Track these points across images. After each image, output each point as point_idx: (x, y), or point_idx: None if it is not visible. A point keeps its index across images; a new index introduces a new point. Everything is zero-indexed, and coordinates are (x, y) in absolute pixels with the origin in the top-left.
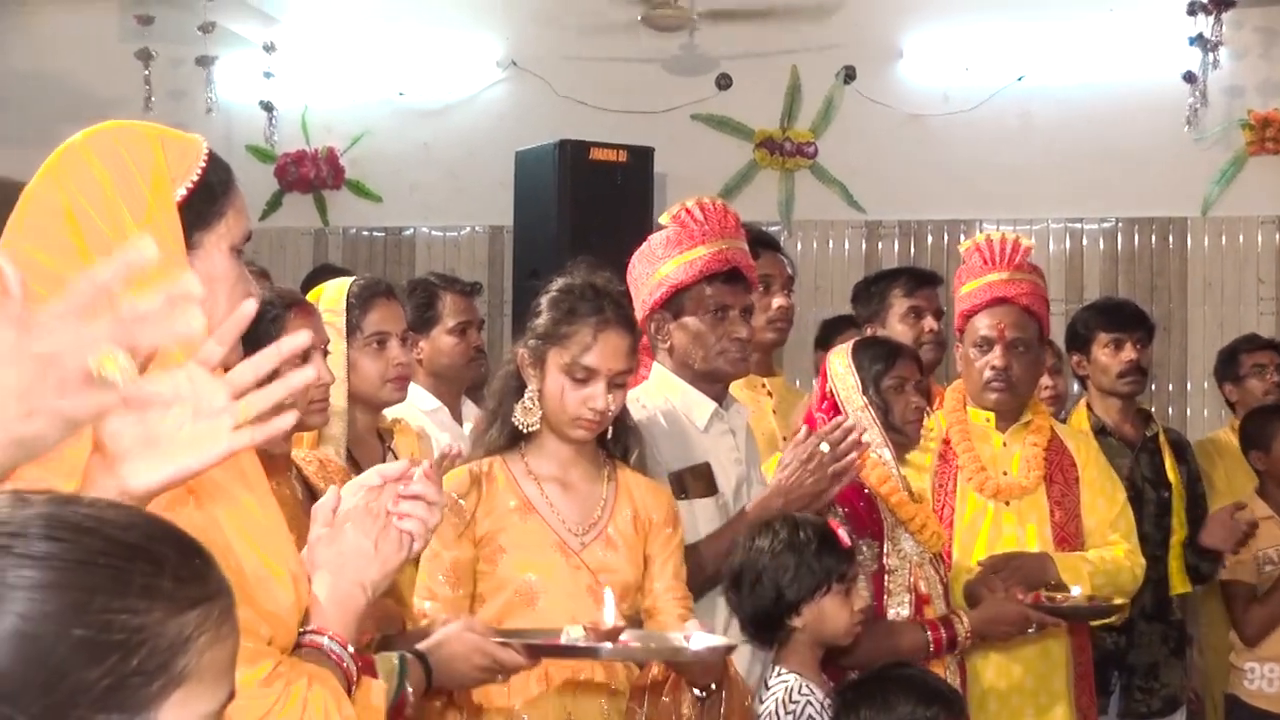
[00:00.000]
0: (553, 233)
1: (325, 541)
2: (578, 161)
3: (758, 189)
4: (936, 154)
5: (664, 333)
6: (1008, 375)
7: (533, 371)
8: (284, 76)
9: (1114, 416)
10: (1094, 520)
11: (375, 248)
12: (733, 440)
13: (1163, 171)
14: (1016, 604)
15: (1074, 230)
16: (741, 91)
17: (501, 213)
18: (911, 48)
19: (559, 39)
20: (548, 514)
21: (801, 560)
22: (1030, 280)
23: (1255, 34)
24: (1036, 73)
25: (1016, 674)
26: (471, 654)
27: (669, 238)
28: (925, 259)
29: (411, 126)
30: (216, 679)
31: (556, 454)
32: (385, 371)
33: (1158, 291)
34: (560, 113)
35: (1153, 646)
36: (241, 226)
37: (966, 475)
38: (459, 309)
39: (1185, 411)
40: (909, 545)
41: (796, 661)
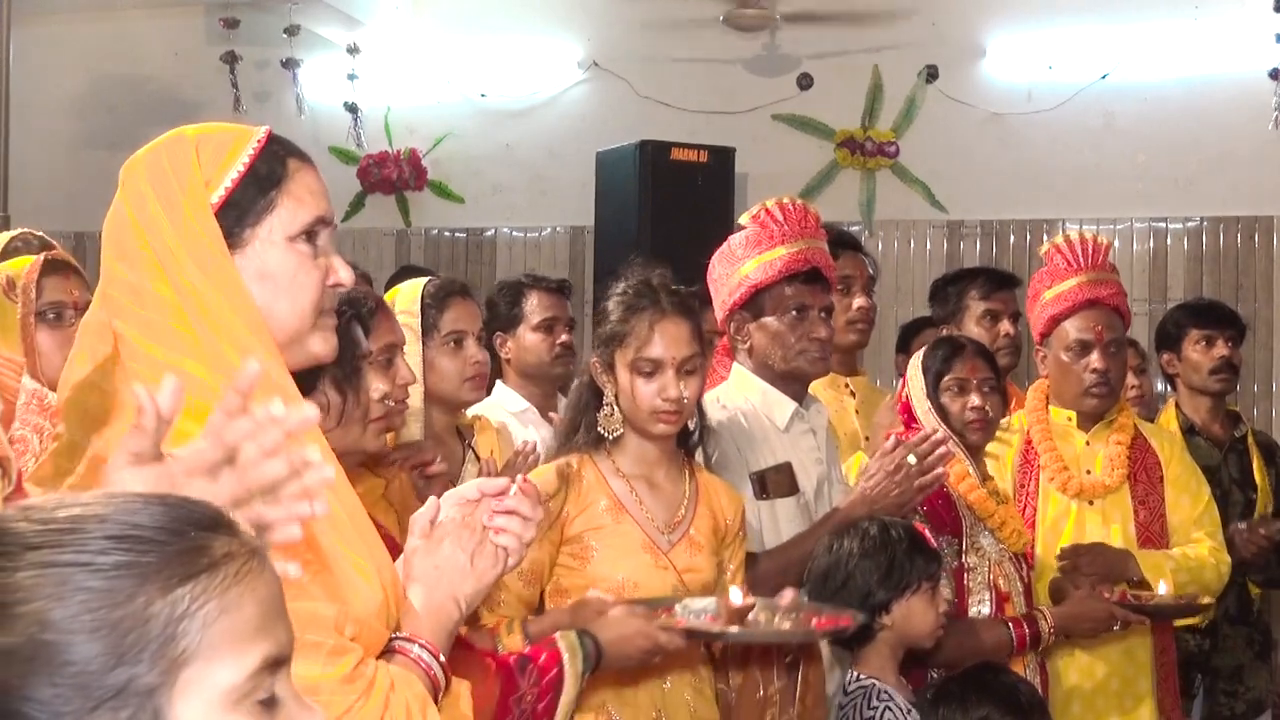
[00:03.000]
0: (633, 233)
1: (422, 553)
2: (658, 162)
3: (839, 189)
4: (1019, 153)
5: (744, 333)
6: (1109, 378)
7: (607, 378)
8: (367, 78)
9: (1203, 416)
10: (1178, 518)
11: (457, 248)
12: (813, 440)
13: (1248, 170)
14: (1102, 601)
15: (1157, 230)
16: (822, 91)
17: (582, 213)
18: (994, 46)
19: (640, 39)
20: (638, 514)
21: (893, 559)
22: (1114, 279)
23: None
24: (1120, 71)
25: (1100, 674)
26: (636, 636)
27: (749, 238)
28: (1007, 259)
29: (493, 128)
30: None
31: (642, 454)
32: (463, 370)
33: (1243, 291)
34: (641, 113)
35: (1237, 649)
36: (301, 215)
37: (1049, 475)
38: (545, 305)
39: (1271, 413)
40: (987, 543)
41: (877, 664)
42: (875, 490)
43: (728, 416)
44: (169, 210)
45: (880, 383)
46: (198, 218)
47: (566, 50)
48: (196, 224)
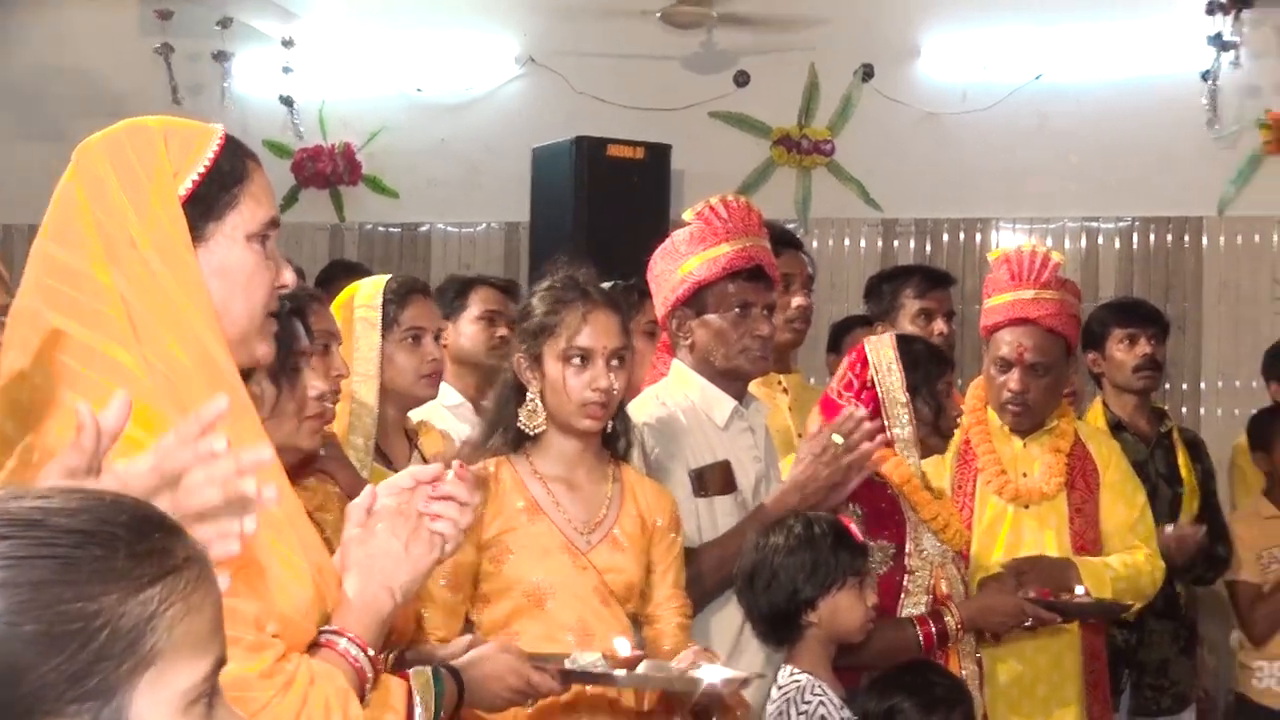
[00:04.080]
0: (569, 230)
1: (357, 542)
2: (595, 158)
3: (775, 187)
4: (953, 152)
5: (686, 329)
6: (1024, 399)
7: (531, 374)
8: (302, 72)
9: (1129, 413)
10: (1113, 524)
11: (391, 244)
12: (752, 438)
13: (1179, 171)
14: (1011, 596)
15: (1090, 229)
16: (759, 89)
17: (518, 209)
18: (929, 46)
19: (577, 35)
20: (555, 515)
21: (818, 556)
22: (1057, 299)
23: (1274, 33)
24: (1054, 72)
25: (1028, 679)
26: (506, 675)
27: (692, 235)
28: (941, 257)
29: (429, 122)
30: (194, 650)
31: (562, 454)
32: (420, 367)
33: (1173, 291)
34: (577, 109)
35: (1163, 644)
36: (260, 214)
37: (986, 478)
38: (489, 299)
39: (1199, 410)
40: (930, 545)
41: (809, 660)
42: (805, 475)
43: (667, 413)
44: (134, 197)
45: (815, 381)
46: (164, 207)
47: (503, 45)
48: (163, 213)
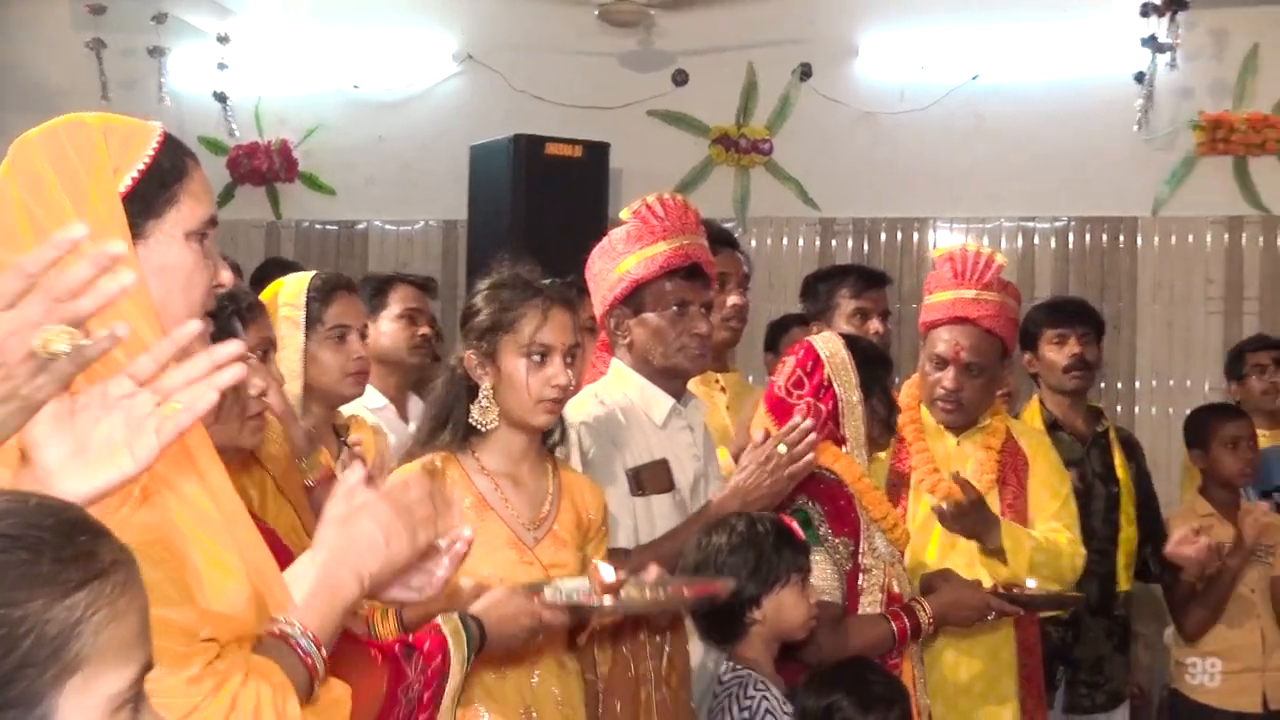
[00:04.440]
0: (506, 228)
1: (338, 523)
2: (533, 156)
3: (713, 185)
4: (891, 152)
5: (624, 328)
6: (957, 397)
7: (483, 370)
8: (238, 68)
9: (1065, 412)
10: (1036, 509)
11: (328, 241)
12: (690, 437)
13: (1114, 171)
14: (978, 590)
15: (1026, 229)
16: (697, 88)
17: (455, 207)
18: (867, 46)
19: (514, 33)
20: (503, 510)
21: (761, 553)
22: (997, 300)
23: (1207, 36)
24: (991, 72)
25: (965, 675)
26: (520, 616)
27: (630, 233)
28: (879, 256)
29: (366, 120)
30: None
31: (508, 450)
32: (345, 365)
33: (1108, 291)
34: (515, 107)
35: (1097, 641)
36: (199, 212)
37: (919, 476)
38: (409, 297)
39: (1134, 409)
40: (881, 543)
41: (752, 657)
42: (748, 482)
43: (605, 412)
44: (73, 194)
45: (753, 379)
46: (104, 203)
47: (440, 42)
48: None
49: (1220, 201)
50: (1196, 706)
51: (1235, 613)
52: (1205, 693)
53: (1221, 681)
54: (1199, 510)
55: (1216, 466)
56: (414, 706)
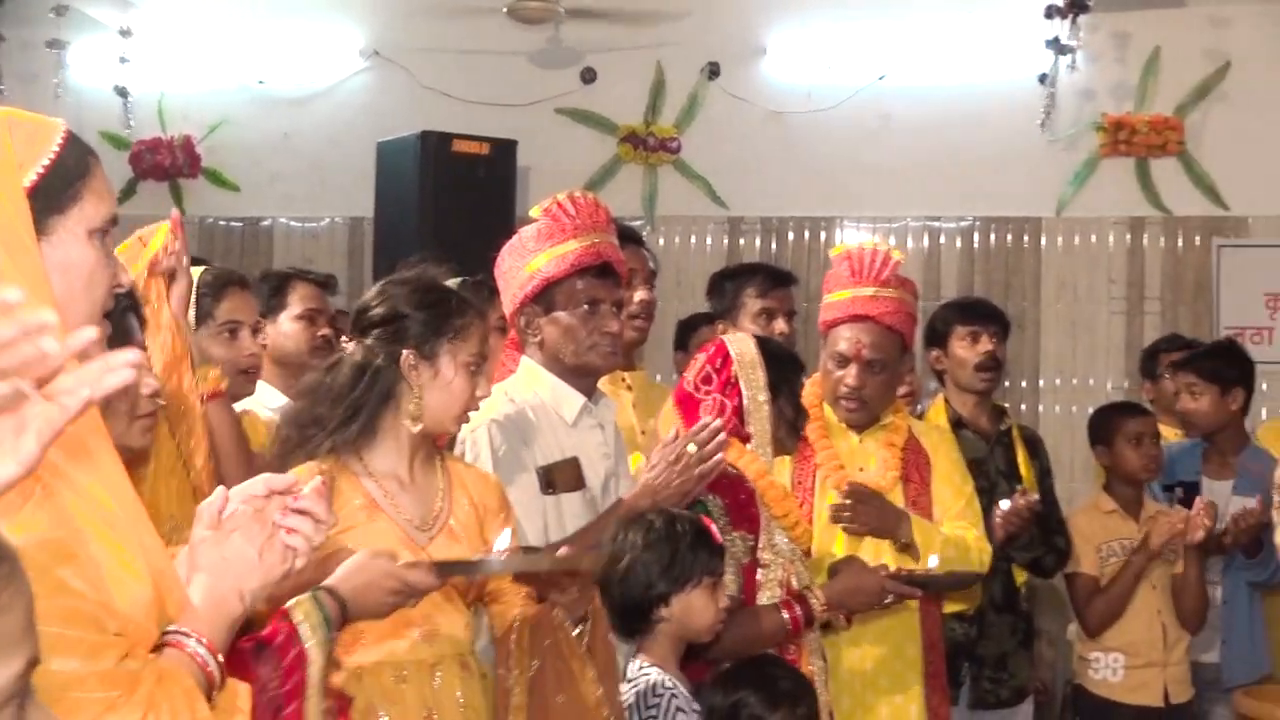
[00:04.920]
0: (414, 225)
1: (210, 544)
2: (440, 153)
3: (621, 184)
4: (798, 151)
5: (534, 326)
6: (860, 395)
7: (418, 371)
8: (140, 62)
9: (970, 410)
10: (940, 509)
11: (232, 238)
12: (601, 435)
13: (1019, 172)
14: (874, 574)
15: (932, 229)
16: (606, 86)
17: (362, 204)
18: (774, 45)
19: (422, 29)
20: (392, 512)
21: (676, 552)
22: (896, 297)
23: (1109, 38)
24: (897, 73)
25: (870, 669)
26: (383, 580)
27: (540, 231)
28: (786, 255)
29: (271, 115)
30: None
31: (397, 450)
32: (237, 361)
33: (1013, 290)
34: (423, 104)
35: (1001, 637)
36: (102, 210)
37: (824, 474)
38: (309, 297)
39: (1038, 408)
40: (782, 540)
41: (659, 655)
42: (658, 480)
43: (515, 410)
44: None
45: (660, 378)
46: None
47: (347, 38)
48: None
49: (1122, 202)
50: (1099, 701)
51: (1137, 608)
52: (1108, 687)
53: (1124, 676)
54: (1102, 506)
55: (1120, 463)
56: (278, 704)
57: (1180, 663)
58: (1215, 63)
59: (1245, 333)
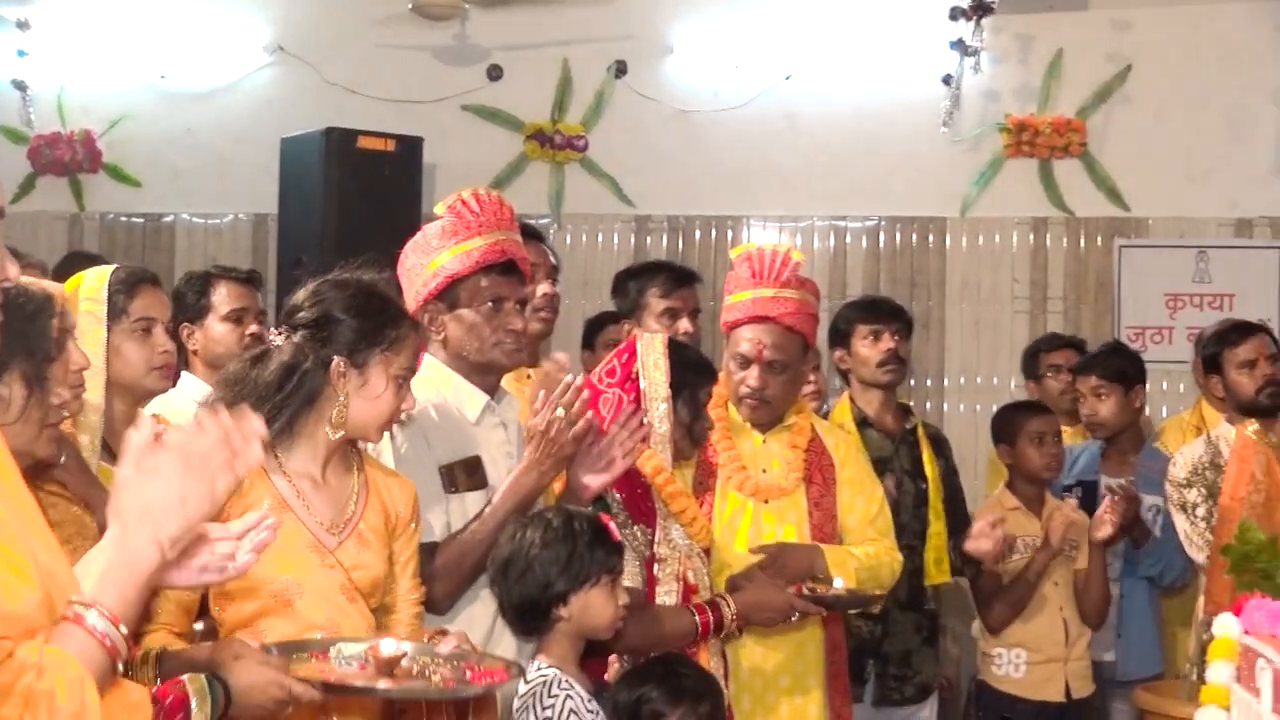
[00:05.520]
0: (318, 222)
1: (132, 488)
2: (345, 150)
3: (527, 181)
4: (706, 150)
5: (438, 324)
6: (763, 395)
7: (347, 377)
8: (39, 56)
9: (875, 409)
10: (854, 518)
11: (133, 234)
12: (504, 433)
13: (924, 172)
14: (781, 591)
15: (838, 228)
16: (512, 83)
17: (266, 200)
18: (681, 44)
19: (327, 25)
20: (302, 513)
21: (574, 551)
22: (797, 297)
23: (1013, 40)
24: (803, 73)
25: (772, 669)
26: (269, 686)
27: (444, 228)
28: (693, 254)
29: (174, 110)
30: None
31: (314, 450)
32: (150, 359)
33: (917, 289)
34: (328, 100)
35: (906, 635)
36: None
37: (726, 474)
38: (234, 296)
39: (943, 407)
40: (678, 535)
41: (558, 654)
42: (538, 452)
43: (417, 409)
44: None
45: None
46: None
47: (251, 33)
48: None
49: (1026, 203)
50: (1002, 697)
51: (1039, 605)
52: (1011, 683)
53: (1026, 672)
54: (1005, 504)
55: (1022, 462)
56: None
57: (1081, 658)
58: (1117, 65)
59: (1146, 332)
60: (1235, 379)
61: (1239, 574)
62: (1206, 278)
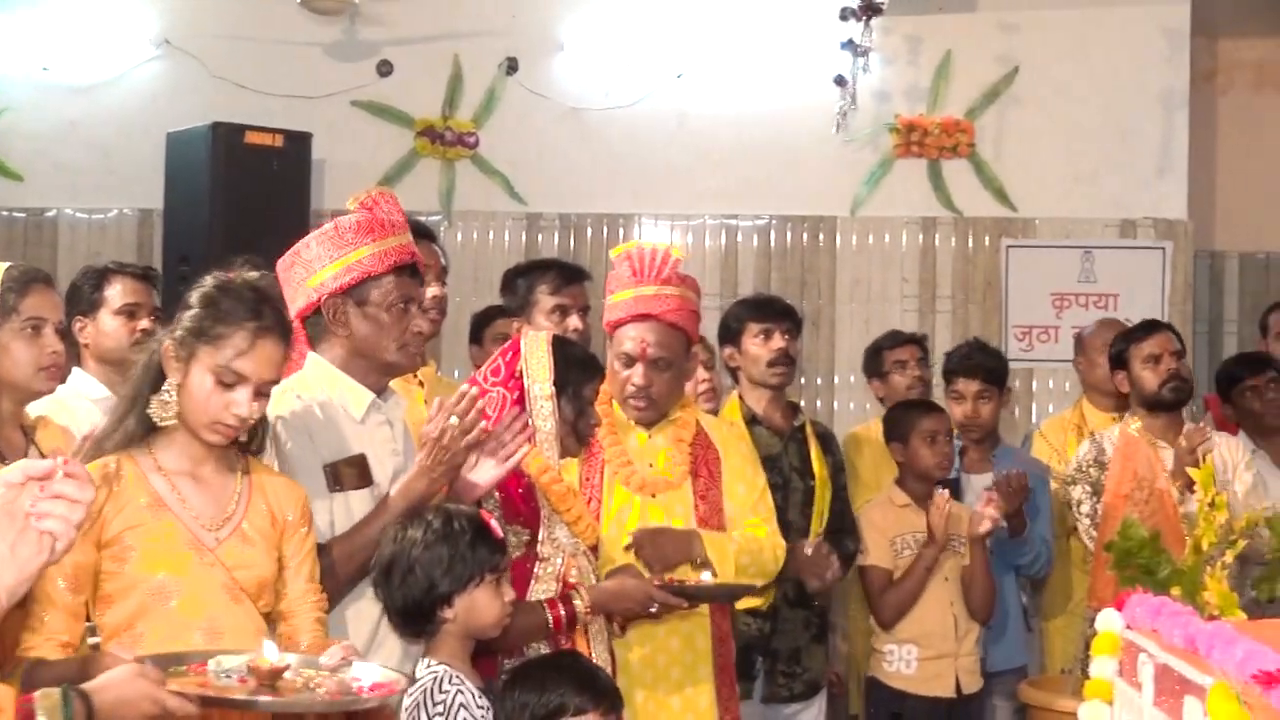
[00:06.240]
0: (205, 217)
1: None
2: (232, 145)
3: (418, 178)
4: (597, 148)
5: (342, 317)
6: (647, 393)
7: (176, 364)
8: None
9: (764, 407)
10: (735, 505)
11: (15, 229)
12: (390, 431)
13: (814, 171)
14: (640, 582)
15: (729, 227)
16: (403, 79)
17: (152, 195)
18: (572, 41)
19: (215, 18)
20: (180, 511)
21: (455, 551)
22: (678, 295)
23: (903, 41)
24: (695, 71)
25: (662, 663)
26: (141, 701)
27: (360, 224)
28: (585, 252)
29: (57, 103)
30: None
31: (189, 449)
32: (39, 359)
33: (808, 288)
34: (215, 94)
35: (795, 632)
36: None
37: (613, 469)
38: (128, 291)
39: (833, 405)
40: (563, 535)
41: (446, 653)
42: (429, 459)
43: (302, 407)
44: None
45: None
46: None
47: (137, 25)
48: None
49: (915, 203)
50: (893, 692)
51: (929, 601)
52: (901, 679)
53: (917, 668)
54: (896, 500)
55: (914, 460)
56: None
57: (971, 653)
58: (1005, 67)
59: (1032, 331)
60: (1139, 373)
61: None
62: (1092, 277)
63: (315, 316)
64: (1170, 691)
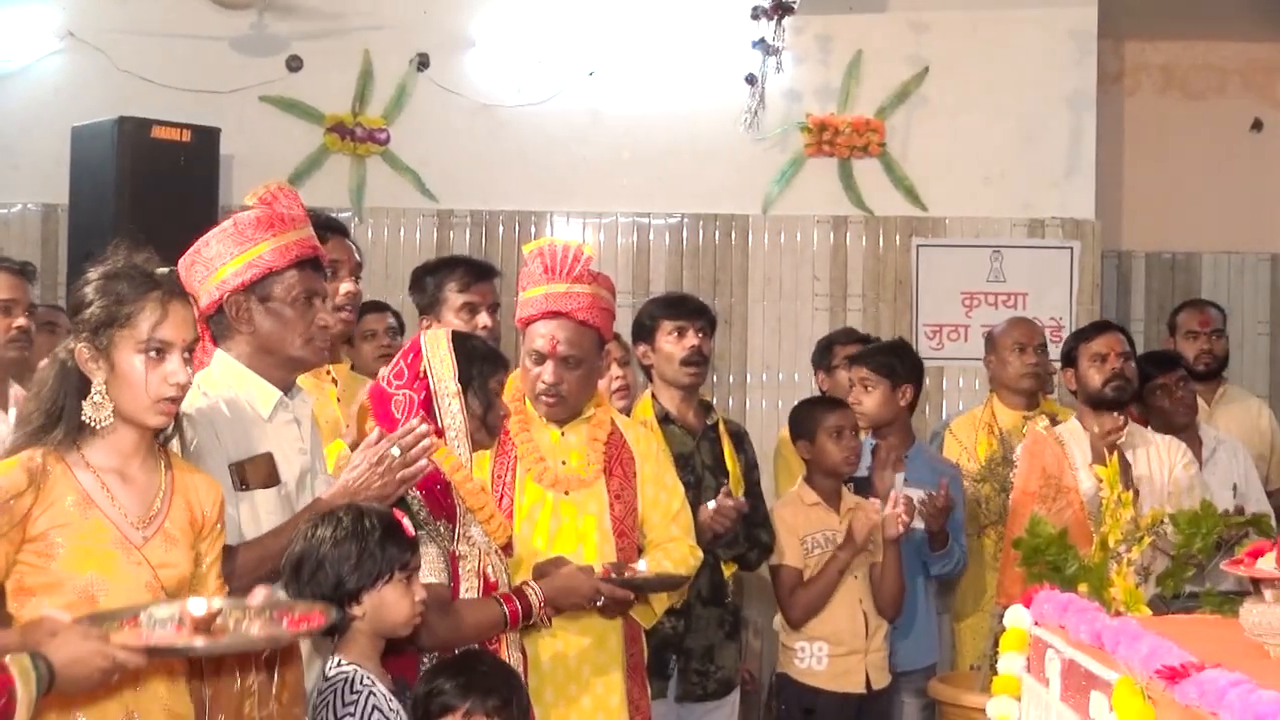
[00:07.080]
0: (111, 213)
1: None
2: (138, 140)
3: (328, 174)
4: (509, 145)
5: (244, 315)
6: (558, 391)
7: (95, 365)
8: None
9: (677, 405)
10: (656, 514)
11: None
12: (297, 430)
13: (727, 170)
14: (588, 577)
15: (641, 225)
16: (312, 75)
17: (56, 190)
18: (483, 38)
19: (120, 11)
20: (109, 509)
21: (364, 548)
22: (590, 292)
23: (814, 41)
24: (607, 69)
25: (573, 661)
26: (93, 657)
27: (259, 220)
28: (497, 249)
29: None
30: None
31: (117, 446)
32: None
33: (720, 286)
34: (121, 88)
35: (709, 630)
36: None
37: (525, 465)
38: (3, 287)
39: (745, 402)
40: (477, 532)
41: (356, 652)
42: (358, 482)
43: (209, 404)
44: None
45: None
46: None
47: (41, 18)
48: None
49: (826, 201)
50: (804, 689)
51: (840, 599)
52: (812, 675)
53: (828, 665)
54: (805, 499)
55: (821, 457)
56: None
57: (880, 650)
58: (915, 67)
59: (943, 330)
60: (1085, 371)
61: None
62: (1001, 277)
63: (219, 315)
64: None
